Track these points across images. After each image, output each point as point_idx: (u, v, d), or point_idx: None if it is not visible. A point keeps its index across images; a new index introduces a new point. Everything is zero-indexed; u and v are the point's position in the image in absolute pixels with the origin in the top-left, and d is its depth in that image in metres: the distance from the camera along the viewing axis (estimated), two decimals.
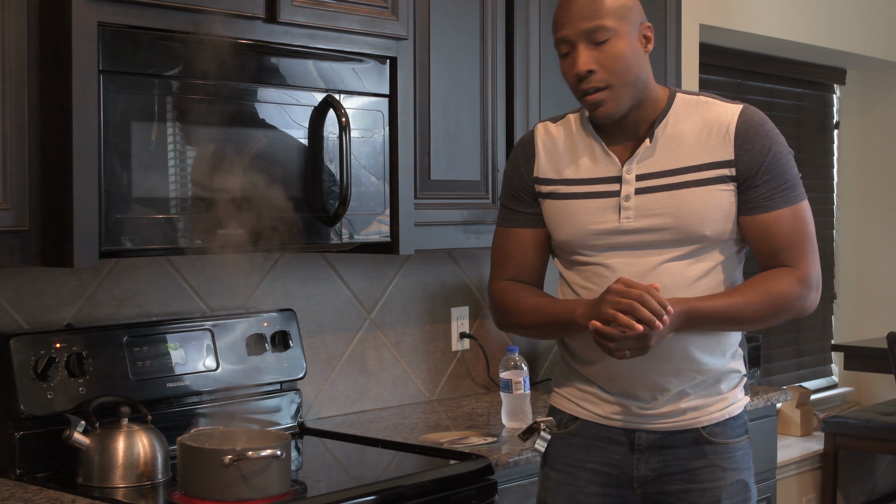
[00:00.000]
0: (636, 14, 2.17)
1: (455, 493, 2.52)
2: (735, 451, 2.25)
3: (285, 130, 2.55)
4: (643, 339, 2.04)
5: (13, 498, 2.30)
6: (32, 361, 2.44)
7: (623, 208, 2.18)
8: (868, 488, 5.62)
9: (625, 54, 2.13)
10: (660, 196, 2.16)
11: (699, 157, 2.17)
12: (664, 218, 2.15)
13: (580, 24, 2.13)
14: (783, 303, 2.17)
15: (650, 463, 2.22)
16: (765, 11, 4.92)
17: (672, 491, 2.22)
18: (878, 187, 6.13)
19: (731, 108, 2.19)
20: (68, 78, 2.18)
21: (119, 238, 2.26)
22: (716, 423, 2.23)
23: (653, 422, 2.22)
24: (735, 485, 2.23)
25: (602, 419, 2.25)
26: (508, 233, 2.31)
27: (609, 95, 2.14)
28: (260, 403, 2.86)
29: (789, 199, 2.17)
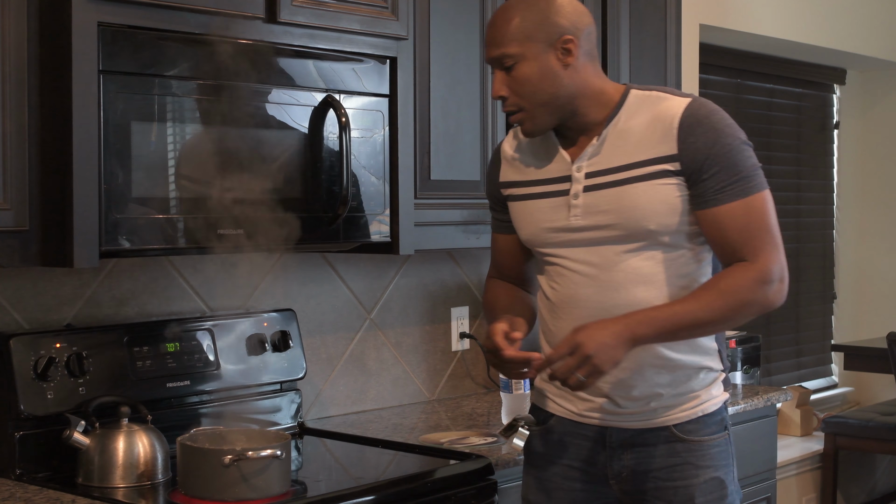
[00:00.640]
0: (546, 32, 2.14)
1: (455, 493, 2.52)
2: (710, 449, 2.24)
3: (285, 130, 2.55)
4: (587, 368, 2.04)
5: (13, 498, 2.30)
6: (32, 361, 2.44)
7: (571, 206, 2.20)
8: (868, 488, 5.62)
9: (531, 78, 2.15)
10: (606, 193, 2.18)
11: (643, 153, 2.16)
12: (609, 215, 2.17)
13: (490, 51, 2.18)
14: (742, 300, 2.13)
15: (623, 460, 2.24)
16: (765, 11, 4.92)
17: (647, 488, 2.23)
18: (878, 187, 6.13)
19: (679, 101, 2.17)
20: (68, 78, 2.18)
21: (119, 238, 2.26)
22: (688, 420, 2.23)
23: (624, 420, 2.23)
24: (710, 482, 2.22)
25: (576, 416, 2.27)
26: (493, 237, 2.44)
27: (525, 116, 2.19)
28: (260, 403, 2.86)
29: (742, 191, 2.14)
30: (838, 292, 6.12)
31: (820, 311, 6.02)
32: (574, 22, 2.16)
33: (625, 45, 3.54)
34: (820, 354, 6.02)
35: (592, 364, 2.04)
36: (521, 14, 2.15)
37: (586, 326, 2.08)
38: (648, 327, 2.10)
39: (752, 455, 3.39)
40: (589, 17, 2.20)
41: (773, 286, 2.17)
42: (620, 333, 2.07)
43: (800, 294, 5.83)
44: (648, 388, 2.21)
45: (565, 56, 2.15)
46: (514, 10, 2.16)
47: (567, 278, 2.22)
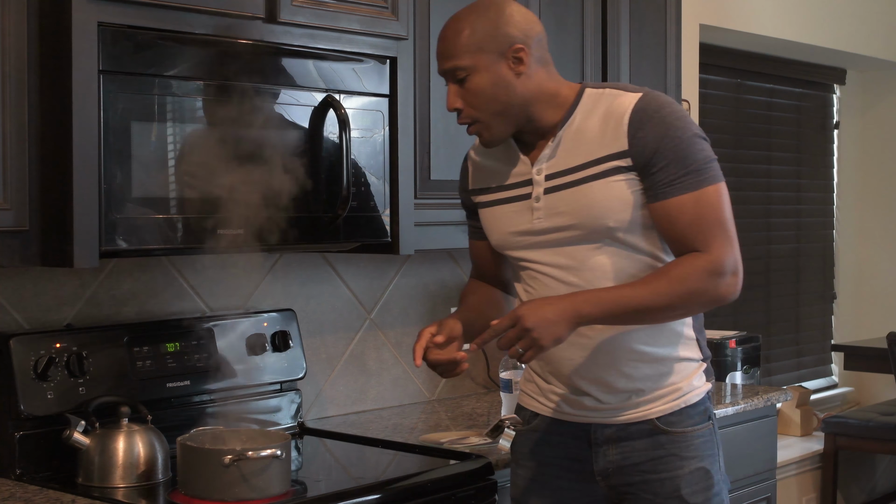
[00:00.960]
0: (497, 42, 2.15)
1: (455, 493, 2.52)
2: (694, 439, 2.24)
3: (285, 130, 2.55)
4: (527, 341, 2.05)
5: (13, 498, 2.30)
6: (32, 361, 2.44)
7: (534, 209, 2.22)
8: (868, 488, 5.62)
9: (484, 89, 2.15)
10: (564, 194, 2.19)
11: (597, 151, 2.16)
12: (568, 216, 2.18)
13: (441, 64, 2.19)
14: (691, 289, 2.11)
15: (608, 456, 2.25)
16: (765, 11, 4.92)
17: (633, 482, 2.24)
18: (878, 187, 6.13)
19: (630, 97, 2.17)
20: (68, 78, 2.18)
21: (119, 238, 2.26)
22: (671, 412, 2.23)
23: (607, 416, 2.24)
24: (696, 472, 2.23)
25: (560, 414, 2.29)
26: (470, 242, 2.48)
27: (481, 127, 2.20)
28: (260, 403, 2.86)
29: (692, 184, 2.12)
30: (838, 292, 6.12)
31: (820, 311, 6.02)
32: (524, 30, 2.17)
33: (625, 45, 3.54)
34: (820, 354, 6.02)
35: (531, 338, 2.04)
36: (471, 26, 2.15)
37: (531, 301, 2.11)
38: (594, 306, 2.09)
39: (752, 455, 3.39)
40: (539, 25, 2.21)
41: (726, 279, 2.13)
42: (564, 310, 2.07)
43: (800, 294, 5.83)
44: (628, 382, 2.22)
45: (517, 65, 2.16)
46: (463, 22, 2.16)
47: (538, 280, 2.24)
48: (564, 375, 2.25)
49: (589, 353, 2.20)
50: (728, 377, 4.12)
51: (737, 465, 3.29)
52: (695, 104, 4.65)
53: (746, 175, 5.49)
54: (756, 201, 5.55)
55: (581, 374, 2.22)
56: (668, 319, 2.20)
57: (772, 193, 5.67)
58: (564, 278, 2.20)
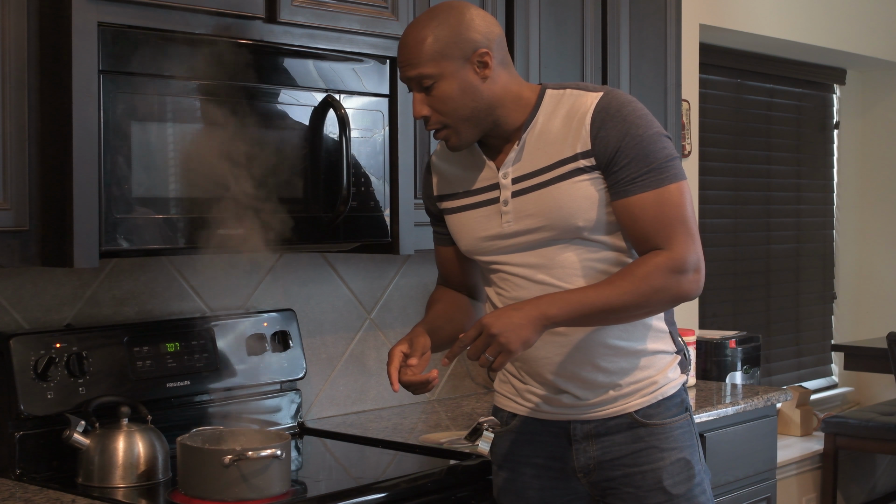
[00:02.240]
0: (461, 48, 2.15)
1: (455, 493, 2.52)
2: (673, 431, 2.26)
3: (285, 130, 2.55)
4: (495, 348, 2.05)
5: (13, 498, 2.30)
6: (32, 361, 2.44)
7: (503, 213, 2.23)
8: (868, 488, 5.62)
9: (452, 95, 2.16)
10: (532, 196, 2.20)
11: (561, 152, 2.18)
12: (537, 217, 2.19)
13: (405, 72, 2.19)
14: (654, 286, 2.12)
15: (588, 452, 2.26)
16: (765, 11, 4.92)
17: (614, 476, 2.25)
18: (878, 187, 6.13)
19: (591, 96, 2.18)
20: (68, 78, 2.18)
21: (119, 238, 2.26)
22: (649, 405, 2.25)
23: (585, 412, 2.25)
24: (676, 463, 2.25)
25: (538, 413, 2.29)
26: (435, 248, 2.47)
27: (450, 133, 2.21)
28: (260, 403, 2.86)
29: (653, 182, 2.13)
30: (838, 292, 6.12)
31: (820, 311, 6.02)
32: (486, 34, 2.17)
33: (625, 45, 3.54)
34: (820, 354, 6.02)
35: (499, 343, 2.04)
36: (434, 33, 2.14)
37: (497, 310, 2.11)
38: (559, 308, 2.09)
39: (752, 455, 3.39)
40: (498, 27, 2.22)
41: (688, 276, 2.15)
42: (528, 312, 2.07)
43: (800, 294, 5.83)
44: (604, 377, 2.23)
45: (482, 69, 2.17)
46: (425, 30, 2.15)
47: (510, 282, 2.25)
48: (541, 374, 2.26)
49: (564, 350, 2.22)
50: (728, 377, 4.12)
51: (737, 465, 3.29)
52: (695, 104, 4.65)
53: (746, 175, 5.49)
54: (756, 201, 5.55)
55: (558, 372, 2.23)
56: (633, 318, 2.21)
57: (772, 193, 5.67)
58: (536, 277, 2.21)
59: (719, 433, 3.21)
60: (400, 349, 2.17)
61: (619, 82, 3.51)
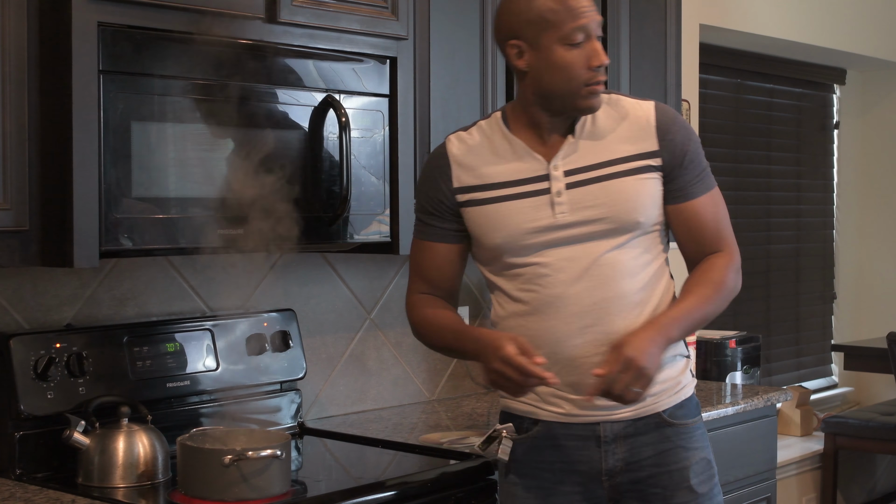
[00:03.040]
0: None
1: (455, 493, 2.52)
2: (695, 431, 2.31)
3: (285, 130, 2.55)
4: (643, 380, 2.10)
5: (13, 498, 2.30)
6: (32, 361, 2.44)
7: (556, 204, 2.22)
8: (868, 488, 5.62)
9: None
10: (592, 188, 2.22)
11: (624, 150, 2.23)
12: (599, 209, 2.20)
13: (597, 16, 2.20)
14: (729, 289, 2.28)
15: (617, 454, 2.25)
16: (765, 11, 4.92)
17: (641, 478, 2.25)
18: (878, 187, 6.14)
19: (644, 103, 2.28)
20: (68, 78, 2.18)
21: (119, 238, 2.27)
22: (674, 405, 2.28)
23: (616, 412, 2.24)
24: (700, 463, 2.28)
25: (565, 417, 2.26)
26: (423, 246, 2.36)
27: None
28: (260, 403, 2.86)
29: (707, 185, 2.28)
30: (838, 292, 6.12)
31: (820, 311, 6.02)
32: None
33: (625, 45, 3.54)
34: (820, 354, 6.02)
35: (646, 376, 2.10)
36: None
37: (628, 340, 2.12)
38: (676, 329, 2.20)
39: (752, 455, 3.39)
40: None
41: (740, 274, 2.31)
42: (657, 339, 2.14)
43: (800, 294, 5.83)
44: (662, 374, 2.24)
45: None
46: None
47: (551, 278, 2.22)
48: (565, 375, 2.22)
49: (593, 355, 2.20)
50: (728, 377, 4.12)
51: (737, 465, 3.29)
52: (695, 104, 4.65)
53: (746, 175, 5.49)
54: (756, 201, 5.55)
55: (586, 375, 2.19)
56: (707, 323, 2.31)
57: (772, 193, 5.67)
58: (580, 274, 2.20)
59: (719, 433, 3.21)
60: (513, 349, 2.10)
61: (620, 82, 3.51)
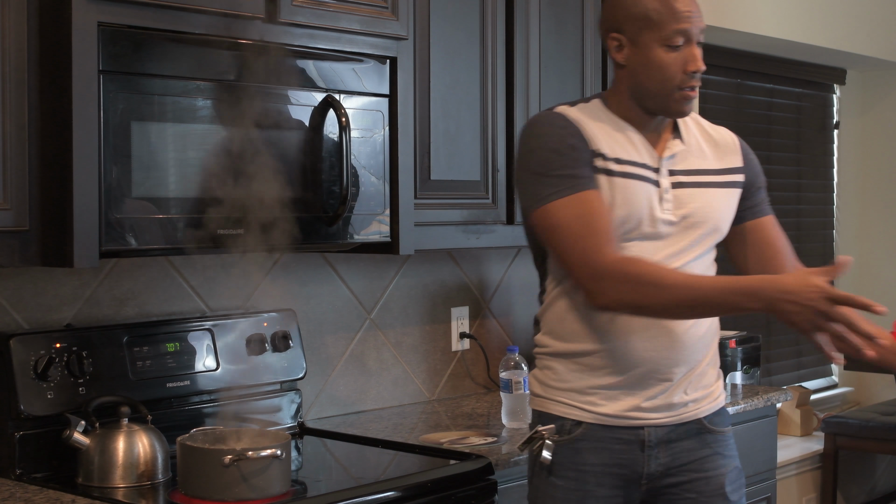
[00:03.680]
0: None
1: (455, 493, 2.52)
2: (729, 440, 2.35)
3: (285, 130, 2.55)
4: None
5: (13, 498, 2.30)
6: (32, 361, 2.44)
7: (664, 200, 2.24)
8: (868, 488, 5.61)
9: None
10: (693, 192, 2.26)
11: (718, 162, 2.32)
12: (694, 213, 2.25)
13: (699, 22, 2.25)
14: None
15: (659, 458, 2.26)
16: (765, 11, 4.92)
17: (678, 483, 2.27)
18: (878, 187, 6.13)
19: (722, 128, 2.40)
20: (68, 78, 2.18)
21: (119, 238, 2.26)
22: (713, 412, 2.31)
23: (661, 414, 2.25)
24: (734, 471, 2.33)
25: (609, 419, 2.24)
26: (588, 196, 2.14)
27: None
28: (260, 403, 2.86)
29: (769, 205, 2.42)
30: None
31: None
32: None
33: None
34: (820, 354, 5.99)
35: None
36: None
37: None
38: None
39: (752, 455, 3.39)
40: None
41: None
42: None
43: None
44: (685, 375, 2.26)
45: None
46: None
47: None
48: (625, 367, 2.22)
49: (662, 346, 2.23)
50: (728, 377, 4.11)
51: None
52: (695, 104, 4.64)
53: None
54: None
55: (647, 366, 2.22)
56: None
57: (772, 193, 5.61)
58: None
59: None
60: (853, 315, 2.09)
61: None
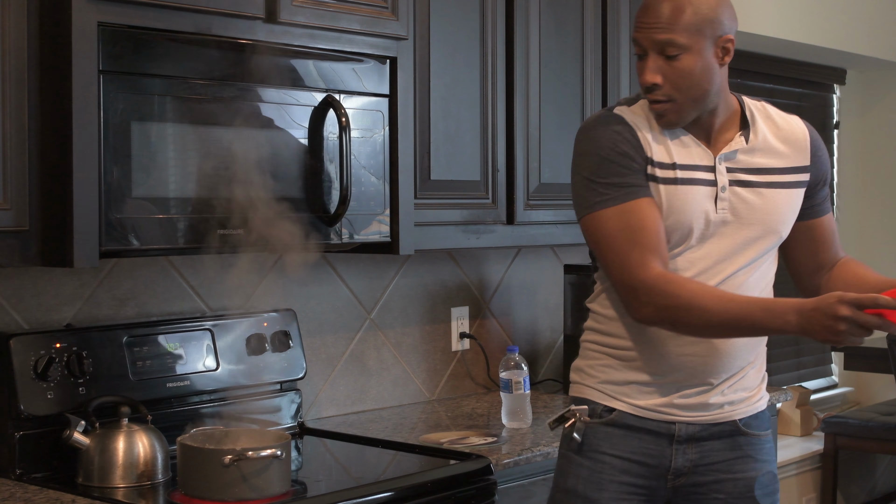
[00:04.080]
0: (716, 28, 2.15)
1: (455, 493, 2.52)
2: (765, 444, 2.31)
3: (285, 130, 2.55)
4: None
5: (13, 498, 2.30)
6: (32, 361, 2.44)
7: (720, 199, 2.21)
8: (868, 488, 5.61)
9: (693, 71, 2.14)
10: (750, 192, 2.22)
11: (783, 161, 2.25)
12: (754, 214, 2.22)
13: (654, 33, 2.13)
14: None
15: (688, 454, 2.25)
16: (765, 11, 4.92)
17: (705, 482, 2.25)
18: (878, 187, 6.13)
19: (794, 118, 2.31)
20: (68, 78, 2.18)
21: (119, 238, 2.26)
22: (750, 415, 2.28)
23: (693, 413, 2.23)
24: (766, 475, 2.29)
25: (642, 411, 2.24)
26: (636, 207, 2.14)
27: (671, 108, 2.17)
28: (260, 403, 2.86)
29: (829, 202, 2.36)
30: None
31: None
32: (734, 22, 2.21)
33: (625, 45, 3.54)
34: (820, 354, 6.01)
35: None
36: (695, 5, 2.13)
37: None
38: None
39: None
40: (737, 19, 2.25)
41: None
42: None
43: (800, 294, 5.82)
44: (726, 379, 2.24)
45: (724, 55, 2.18)
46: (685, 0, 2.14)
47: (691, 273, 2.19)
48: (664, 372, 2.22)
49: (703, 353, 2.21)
50: None
51: None
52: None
53: None
54: None
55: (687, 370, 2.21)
56: None
57: None
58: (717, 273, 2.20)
59: None
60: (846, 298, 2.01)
61: (619, 82, 3.51)
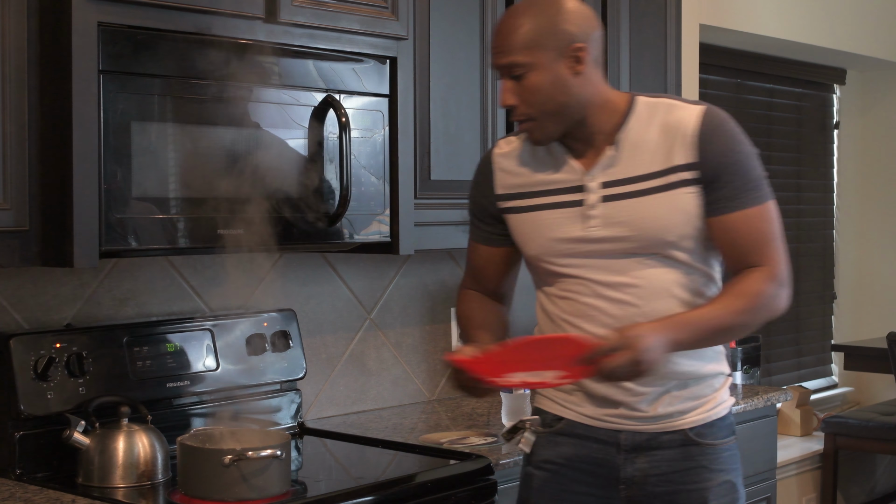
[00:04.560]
0: (557, 40, 2.09)
1: (455, 493, 2.52)
2: (722, 453, 2.23)
3: (285, 130, 2.55)
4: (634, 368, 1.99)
5: (13, 498, 2.30)
6: (32, 361, 2.44)
7: (589, 217, 2.16)
8: (868, 488, 5.62)
9: (541, 87, 2.10)
10: (624, 204, 2.14)
11: (661, 162, 2.13)
12: (626, 227, 2.13)
13: (497, 58, 2.13)
14: (762, 303, 2.13)
15: (636, 463, 2.20)
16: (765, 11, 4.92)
17: (658, 493, 2.20)
18: (878, 187, 6.14)
19: (692, 108, 2.15)
20: (68, 78, 2.18)
21: (119, 238, 2.27)
22: (702, 424, 2.21)
23: (639, 423, 2.20)
24: (723, 485, 2.22)
25: (588, 419, 2.23)
26: (472, 245, 2.37)
27: (534, 126, 2.14)
28: (260, 403, 2.86)
29: (754, 199, 2.14)
30: (838, 292, 6.12)
31: (820, 311, 6.02)
32: (583, 28, 2.12)
33: (625, 45, 3.54)
34: (820, 354, 6.02)
35: (642, 364, 1.98)
36: (530, 21, 2.09)
37: (635, 326, 2.03)
38: (685, 332, 2.07)
39: (752, 455, 3.39)
40: (597, 22, 2.16)
41: (784, 290, 2.17)
42: (666, 338, 2.02)
43: (800, 294, 5.83)
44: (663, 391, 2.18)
45: (576, 64, 2.10)
46: (522, 17, 2.10)
47: (581, 290, 2.18)
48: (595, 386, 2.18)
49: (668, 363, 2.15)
50: None
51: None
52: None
53: None
54: None
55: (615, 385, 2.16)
56: (737, 337, 2.21)
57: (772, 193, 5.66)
58: (610, 289, 2.15)
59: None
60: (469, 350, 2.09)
61: (620, 82, 3.51)
